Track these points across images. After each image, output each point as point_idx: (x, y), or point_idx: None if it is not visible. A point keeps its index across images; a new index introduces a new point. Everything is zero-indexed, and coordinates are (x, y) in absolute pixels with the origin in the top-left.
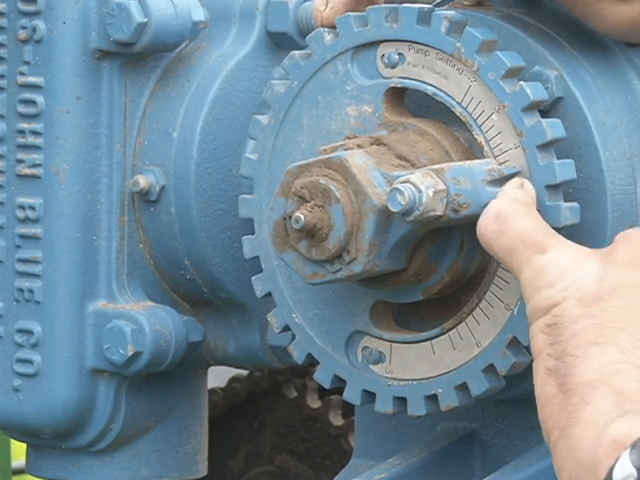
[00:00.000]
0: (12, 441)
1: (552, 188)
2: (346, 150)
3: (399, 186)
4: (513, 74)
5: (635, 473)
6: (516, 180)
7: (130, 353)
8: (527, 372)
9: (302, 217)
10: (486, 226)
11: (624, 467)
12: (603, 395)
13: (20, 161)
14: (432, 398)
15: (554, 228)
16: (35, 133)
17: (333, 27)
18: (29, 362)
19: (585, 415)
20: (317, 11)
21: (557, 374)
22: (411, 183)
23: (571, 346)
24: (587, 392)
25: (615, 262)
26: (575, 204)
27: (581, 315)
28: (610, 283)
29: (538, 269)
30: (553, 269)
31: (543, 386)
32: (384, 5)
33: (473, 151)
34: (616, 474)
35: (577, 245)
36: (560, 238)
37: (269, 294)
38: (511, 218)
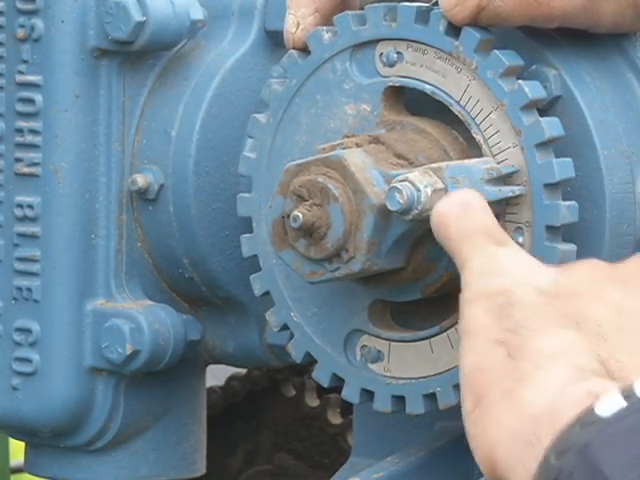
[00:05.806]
0: (10, 440)
1: (551, 187)
2: (344, 149)
3: (397, 185)
4: (511, 73)
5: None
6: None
7: (128, 352)
8: None
9: (300, 216)
10: (449, 207)
11: (613, 402)
12: (564, 367)
13: (18, 160)
14: (431, 397)
15: (553, 227)
16: (33, 132)
17: (304, 49)
18: (27, 361)
19: (540, 380)
20: (288, 32)
21: (508, 345)
22: (409, 182)
23: (529, 321)
24: (545, 361)
25: (572, 274)
26: (574, 203)
27: (541, 303)
28: (567, 287)
29: (492, 256)
30: (508, 263)
31: (485, 355)
32: (383, 4)
33: (471, 150)
34: (602, 411)
35: None
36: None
37: (267, 293)
38: (477, 208)
